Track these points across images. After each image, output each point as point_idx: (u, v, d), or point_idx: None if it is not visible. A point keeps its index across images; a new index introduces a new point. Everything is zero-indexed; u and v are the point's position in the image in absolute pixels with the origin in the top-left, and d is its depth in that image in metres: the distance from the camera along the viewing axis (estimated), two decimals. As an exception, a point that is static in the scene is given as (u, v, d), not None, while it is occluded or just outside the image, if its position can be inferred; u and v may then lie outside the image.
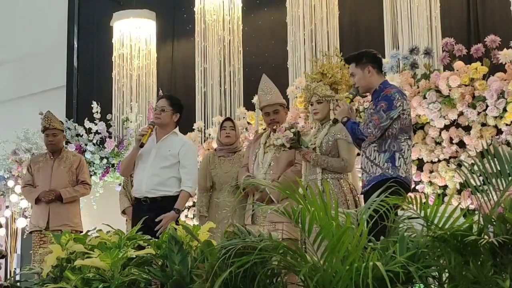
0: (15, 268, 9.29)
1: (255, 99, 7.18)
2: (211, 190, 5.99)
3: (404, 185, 4.47)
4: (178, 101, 5.70)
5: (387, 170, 4.51)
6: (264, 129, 6.06)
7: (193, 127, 8.11)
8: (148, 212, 5.24)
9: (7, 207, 9.36)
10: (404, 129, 4.56)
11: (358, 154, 4.99)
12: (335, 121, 4.88)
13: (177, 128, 5.72)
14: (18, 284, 4.53)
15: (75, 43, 10.35)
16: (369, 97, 5.13)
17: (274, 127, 5.41)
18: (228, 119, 6.14)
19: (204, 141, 7.94)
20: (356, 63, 4.74)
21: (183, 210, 5.60)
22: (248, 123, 7.41)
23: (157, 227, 5.22)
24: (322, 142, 5.09)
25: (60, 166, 6.65)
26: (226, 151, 5.99)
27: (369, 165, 4.61)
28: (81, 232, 6.19)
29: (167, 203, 5.40)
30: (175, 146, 5.55)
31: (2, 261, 8.02)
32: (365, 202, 4.58)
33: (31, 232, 6.69)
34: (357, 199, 4.99)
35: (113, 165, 8.64)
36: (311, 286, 2.93)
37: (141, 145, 5.46)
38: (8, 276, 8.88)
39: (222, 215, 5.71)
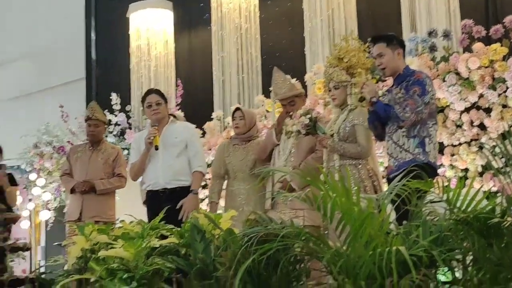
0: (39, 260, 9.38)
1: (271, 96, 7.18)
2: (226, 178, 6.03)
3: (433, 170, 4.48)
4: (163, 92, 5.99)
5: (418, 156, 4.51)
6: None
7: (212, 116, 8.11)
8: (166, 202, 5.24)
9: (30, 200, 9.43)
10: (432, 114, 4.57)
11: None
12: (362, 100, 4.84)
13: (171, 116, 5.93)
14: (43, 276, 4.57)
15: (93, 35, 10.38)
16: (388, 82, 5.11)
17: (291, 113, 5.39)
18: (237, 109, 6.14)
19: (223, 129, 7.94)
20: (387, 43, 4.73)
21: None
22: (267, 111, 7.40)
23: (180, 213, 5.39)
24: (339, 128, 5.06)
25: (97, 157, 6.69)
26: (240, 140, 6.01)
27: (397, 150, 4.60)
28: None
29: (185, 193, 5.55)
30: (180, 131, 5.75)
31: (27, 253, 8.10)
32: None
33: (64, 222, 6.74)
34: (376, 184, 4.95)
35: (133, 156, 8.67)
36: (335, 272, 2.93)
37: (156, 148, 5.57)
38: (33, 269, 8.97)
39: (237, 203, 5.74)
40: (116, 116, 8.78)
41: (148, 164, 5.72)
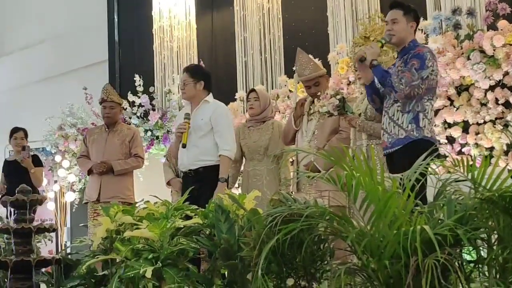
0: (65, 241, 9.47)
1: (295, 77, 7.16)
2: (244, 160, 6.04)
3: (431, 145, 4.43)
4: (198, 69, 5.77)
5: (411, 132, 4.45)
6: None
7: (235, 97, 8.12)
8: (193, 183, 5.27)
9: (55, 181, 9.52)
10: (430, 89, 4.48)
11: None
12: (363, 59, 4.72)
13: (210, 95, 5.68)
14: (69, 256, 4.61)
15: (116, 17, 10.39)
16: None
17: (318, 93, 5.37)
18: (252, 90, 6.15)
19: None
20: (405, 12, 4.64)
21: (228, 177, 5.57)
22: (290, 91, 7.39)
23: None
24: (367, 108, 5.06)
25: (114, 138, 6.74)
26: (255, 121, 6.04)
27: (391, 125, 4.54)
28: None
29: (210, 172, 5.45)
30: (206, 113, 5.57)
31: (53, 234, 8.18)
32: (388, 164, 4.54)
33: (86, 203, 6.81)
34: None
35: (157, 137, 8.71)
36: (359, 251, 2.93)
37: (184, 146, 5.48)
38: (59, 249, 9.06)
39: (253, 184, 5.76)
40: (139, 97, 8.81)
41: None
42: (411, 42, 4.60)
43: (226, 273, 3.87)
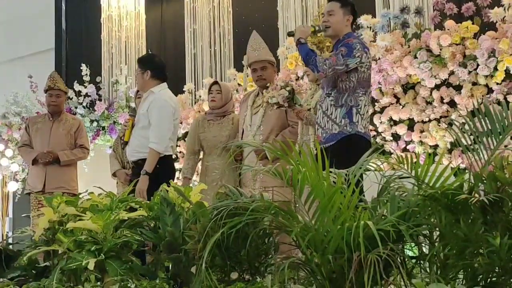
0: (7, 232, 9.32)
1: (244, 59, 7.16)
2: (202, 153, 6.00)
3: (363, 140, 4.47)
4: (146, 59, 5.74)
5: (345, 127, 4.46)
6: (253, 90, 6.03)
7: (183, 89, 8.07)
8: (134, 175, 5.29)
9: (-3, 171, 9.35)
10: (361, 83, 4.49)
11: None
12: (291, 34, 4.74)
13: (159, 85, 5.54)
14: (11, 247, 4.53)
15: (63, 5, 10.22)
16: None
17: (268, 84, 5.36)
18: (215, 82, 6.09)
19: (195, 103, 7.91)
20: (342, 4, 4.65)
21: (154, 170, 5.34)
22: (239, 84, 7.38)
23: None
24: (317, 103, 5.08)
25: (59, 128, 6.65)
26: (215, 115, 5.97)
27: (325, 120, 4.56)
28: (77, 195, 6.20)
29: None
30: (146, 104, 5.48)
31: (-6, 224, 8.03)
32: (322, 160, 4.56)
33: (28, 194, 6.69)
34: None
35: (103, 128, 8.61)
36: (303, 246, 2.94)
37: (125, 143, 5.53)
38: (1, 240, 8.91)
39: (211, 178, 5.72)
40: (85, 87, 8.69)
41: None
42: (346, 34, 4.61)
43: (170, 266, 3.85)
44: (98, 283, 3.71)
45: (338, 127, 4.47)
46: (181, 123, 7.64)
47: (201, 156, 6.06)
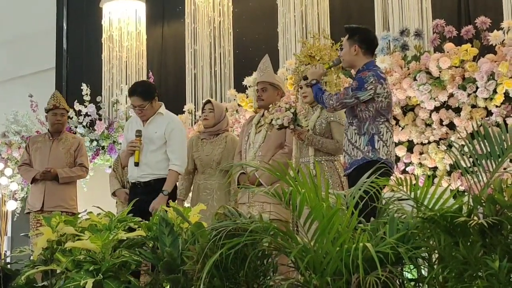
0: (5, 251, 9.29)
1: (245, 81, 7.19)
2: (195, 172, 6.01)
3: (385, 166, 4.48)
4: (147, 88, 5.56)
5: (367, 153, 4.50)
6: (255, 111, 6.07)
7: (184, 109, 8.09)
8: (142, 195, 5.25)
9: (-4, 189, 9.34)
10: (381, 112, 4.52)
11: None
12: (305, 78, 4.85)
13: (163, 106, 5.63)
14: (9, 266, 4.52)
15: (65, 25, 10.27)
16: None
17: (270, 106, 5.38)
18: (208, 101, 6.12)
19: (195, 123, 7.92)
20: (349, 37, 4.69)
21: (172, 191, 5.52)
22: (239, 105, 7.40)
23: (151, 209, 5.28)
24: (315, 125, 5.12)
25: (58, 147, 6.65)
26: (208, 134, 6.01)
27: (350, 147, 4.60)
28: (76, 215, 6.17)
29: (160, 185, 5.42)
30: (161, 126, 5.51)
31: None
32: (348, 184, 4.61)
33: (28, 213, 6.68)
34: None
35: (103, 147, 8.62)
36: (302, 267, 2.94)
37: (136, 164, 5.44)
38: (-1, 259, 8.88)
39: (203, 197, 5.73)
40: (86, 107, 8.71)
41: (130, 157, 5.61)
42: (365, 65, 4.62)
43: (168, 286, 3.83)
44: (96, 303, 3.69)
45: (362, 153, 4.53)
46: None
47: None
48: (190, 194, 6.10)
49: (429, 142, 5.99)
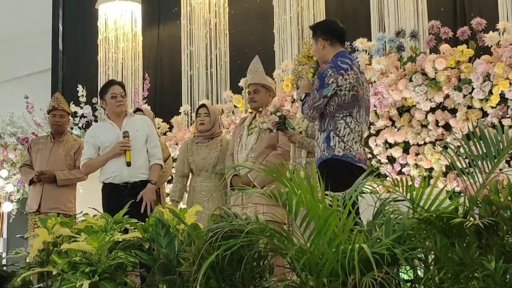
0: (1, 252, 9.26)
1: (242, 82, 7.19)
2: (191, 175, 6.02)
3: (341, 162, 4.37)
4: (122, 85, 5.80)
5: (323, 152, 4.41)
6: (251, 112, 6.06)
7: (179, 111, 8.09)
8: (128, 197, 5.17)
9: (-8, 191, 9.31)
10: (342, 106, 4.38)
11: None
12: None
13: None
14: (5, 268, 4.51)
15: (60, 26, 10.26)
16: None
17: (260, 109, 5.39)
18: (202, 105, 6.13)
19: (191, 124, 7.92)
20: (313, 34, 4.62)
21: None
22: (235, 106, 7.40)
23: (142, 206, 5.32)
24: (308, 126, 5.12)
25: (59, 149, 6.63)
26: (203, 137, 6.02)
27: (315, 145, 4.55)
28: (74, 217, 6.16)
29: (146, 186, 5.46)
30: (139, 124, 5.62)
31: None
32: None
33: (27, 214, 6.67)
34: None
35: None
36: (298, 268, 2.94)
37: (128, 164, 5.44)
38: (-6, 260, 8.86)
39: (198, 199, 5.74)
40: (81, 108, 8.70)
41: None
42: (334, 56, 4.49)
43: (164, 288, 3.83)
44: (92, 305, 3.69)
45: (320, 152, 4.44)
46: (176, 144, 7.66)
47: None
48: (186, 196, 6.11)
49: (425, 143, 6.00)
